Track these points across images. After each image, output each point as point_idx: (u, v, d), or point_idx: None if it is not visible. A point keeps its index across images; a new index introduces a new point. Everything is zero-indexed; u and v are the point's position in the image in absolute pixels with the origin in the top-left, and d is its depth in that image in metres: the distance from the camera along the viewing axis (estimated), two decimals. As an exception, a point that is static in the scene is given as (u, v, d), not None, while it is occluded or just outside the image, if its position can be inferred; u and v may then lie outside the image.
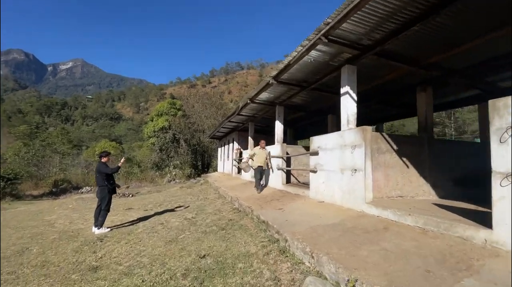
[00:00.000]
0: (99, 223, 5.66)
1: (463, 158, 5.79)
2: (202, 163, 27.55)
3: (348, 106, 4.91)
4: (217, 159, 23.09)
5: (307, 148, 8.57)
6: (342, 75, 5.10)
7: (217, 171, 22.24)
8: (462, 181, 5.66)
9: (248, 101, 8.47)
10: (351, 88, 4.93)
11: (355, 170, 4.48)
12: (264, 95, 7.97)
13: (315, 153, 5.76)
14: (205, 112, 28.33)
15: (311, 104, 8.89)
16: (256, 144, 15.38)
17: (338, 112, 9.37)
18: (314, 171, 5.75)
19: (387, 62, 5.03)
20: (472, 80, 5.52)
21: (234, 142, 15.11)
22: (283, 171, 7.72)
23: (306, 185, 7.05)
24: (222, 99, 34.20)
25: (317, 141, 5.77)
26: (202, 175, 21.31)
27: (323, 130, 13.68)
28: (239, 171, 14.29)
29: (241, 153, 13.22)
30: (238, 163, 13.79)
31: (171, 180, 22.24)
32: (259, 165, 7.66)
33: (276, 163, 7.99)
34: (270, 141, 11.76)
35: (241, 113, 10.49)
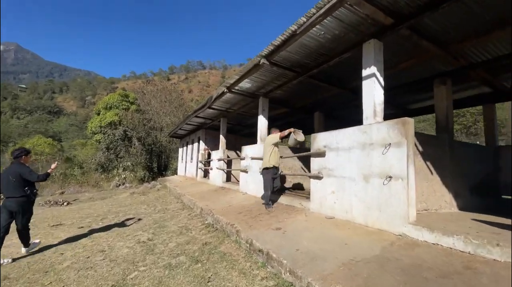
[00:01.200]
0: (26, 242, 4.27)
1: (477, 163, 5.11)
2: (159, 165, 24.62)
3: (375, 93, 3.73)
4: (177, 160, 20.67)
5: (294, 150, 7.31)
6: (365, 54, 3.91)
7: (176, 174, 19.85)
8: (477, 189, 4.96)
9: (225, 90, 6.90)
10: (378, 70, 3.77)
11: (390, 177, 3.29)
12: (245, 84, 6.50)
13: (320, 154, 4.48)
14: (164, 108, 25.55)
15: (297, 99, 7.69)
16: (232, 145, 13.72)
17: (327, 110, 8.49)
18: (319, 177, 4.45)
19: (417, 41, 4.01)
20: (493, 75, 4.87)
21: (201, 141, 13.23)
22: (269, 176, 6.32)
23: (303, 194, 5.76)
24: (182, 98, 31.52)
25: (322, 139, 4.50)
26: (158, 178, 18.73)
27: (306, 131, 12.73)
28: (205, 175, 12.47)
29: (209, 155, 11.44)
30: (205, 165, 11.96)
31: (119, 185, 19.13)
32: (271, 166, 5.14)
33: (259, 166, 6.54)
34: (247, 142, 10.25)
35: (213, 106, 8.82)
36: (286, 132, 5.10)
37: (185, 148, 16.99)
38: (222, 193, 7.90)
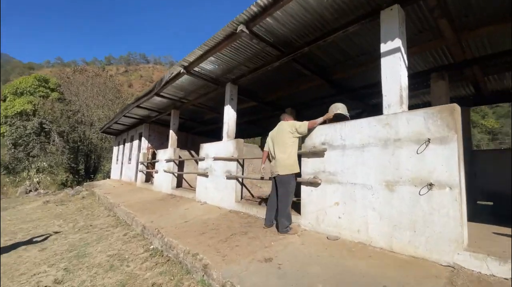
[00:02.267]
0: None
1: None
2: (87, 167, 20.57)
3: (401, 73, 2.84)
4: (111, 161, 17.45)
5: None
6: (385, 24, 3.00)
7: (109, 178, 16.69)
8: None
9: (181, 71, 5.35)
10: (403, 44, 2.90)
11: (430, 185, 2.40)
12: (209, 64, 5.10)
13: (316, 154, 3.42)
14: (96, 100, 21.64)
15: (269, 91, 6.59)
16: (183, 144, 11.72)
17: (301, 106, 7.51)
18: (314, 184, 3.38)
19: (435, 19, 3.31)
20: (484, 74, 4.62)
21: (143, 138, 11.01)
22: (238, 181, 5.01)
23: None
24: (120, 90, 27.32)
25: (319, 134, 3.45)
26: (85, 183, 15.38)
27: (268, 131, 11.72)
28: (148, 179, 10.37)
29: (154, 155, 9.44)
30: (149, 167, 9.89)
31: (30, 190, 15.07)
32: (290, 172, 3.37)
33: (227, 169, 5.19)
34: (202, 141, 8.79)
35: (162, 93, 7.06)
36: (320, 119, 3.42)
37: (121, 146, 14.25)
38: (172, 203, 6.22)
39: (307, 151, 3.50)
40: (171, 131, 8.42)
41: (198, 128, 11.55)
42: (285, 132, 3.47)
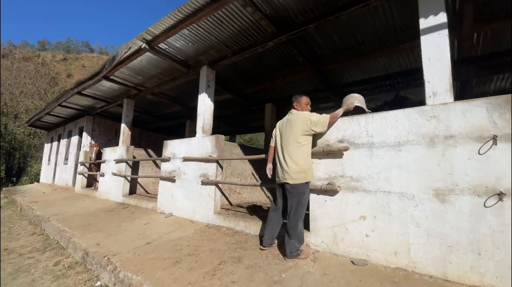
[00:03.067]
0: None
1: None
2: (8, 168, 16.76)
3: (449, 55, 2.28)
4: (42, 162, 14.42)
5: (247, 148, 5.31)
6: (424, -6, 2.44)
7: (38, 181, 13.75)
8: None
9: (143, 46, 4.17)
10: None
11: (500, 194, 1.86)
12: (181, 41, 4.06)
13: (331, 154, 2.71)
14: (24, 87, 17.90)
15: (250, 82, 5.72)
16: (136, 143, 9.90)
17: (282, 103, 6.71)
18: (330, 192, 2.66)
19: None
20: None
21: (85, 134, 9.06)
22: (218, 187, 4.03)
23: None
24: (55, 77, 23.12)
25: (339, 129, 2.74)
26: (4, 189, 12.33)
27: (243, 130, 10.68)
28: (90, 184, 8.56)
29: (99, 154, 7.73)
30: (92, 169, 8.12)
31: None
32: (303, 181, 2.54)
33: (202, 172, 4.16)
34: (164, 138, 7.55)
35: (113, 77, 5.65)
36: (341, 111, 2.70)
37: (56, 143, 11.75)
38: (125, 216, 4.90)
39: (318, 150, 2.75)
40: (123, 125, 6.93)
41: (156, 124, 10.03)
42: (298, 127, 2.61)
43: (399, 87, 5.13)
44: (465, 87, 4.92)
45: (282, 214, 2.72)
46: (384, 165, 2.40)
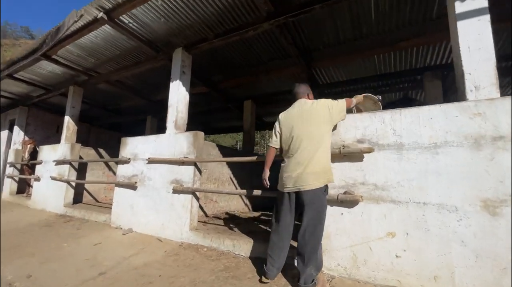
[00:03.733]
0: None
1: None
2: None
3: (487, 45, 1.98)
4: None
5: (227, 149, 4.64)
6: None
7: None
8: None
9: (100, 16, 3.27)
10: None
11: None
12: (151, 14, 3.28)
13: (351, 157, 2.24)
14: None
15: (228, 74, 5.04)
16: (84, 140, 8.27)
17: (263, 100, 6.01)
18: (347, 203, 2.17)
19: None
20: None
21: (16, 128, 7.30)
22: (194, 196, 3.28)
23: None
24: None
25: (358, 127, 2.28)
26: None
27: (212, 130, 9.71)
28: (21, 190, 6.92)
29: (34, 153, 6.21)
30: (24, 171, 6.54)
31: None
32: (321, 185, 1.99)
33: (174, 177, 3.36)
34: (118, 135, 6.52)
35: (56, 57, 4.50)
36: (354, 101, 2.30)
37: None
38: (67, 232, 3.79)
39: (334, 152, 2.24)
40: (67, 118, 5.64)
41: (110, 119, 8.62)
42: (319, 118, 2.07)
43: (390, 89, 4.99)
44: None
45: (286, 233, 2.11)
46: (417, 170, 1.99)
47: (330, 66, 4.35)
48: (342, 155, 2.24)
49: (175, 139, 3.48)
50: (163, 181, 3.47)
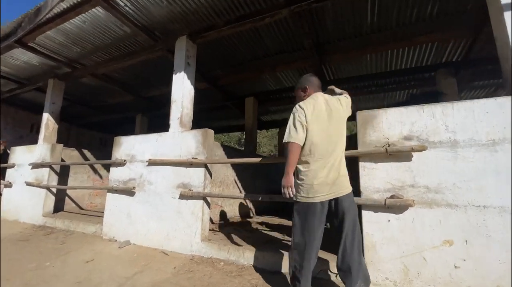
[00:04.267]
0: None
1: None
2: None
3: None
4: None
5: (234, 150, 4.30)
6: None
7: None
8: None
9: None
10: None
11: None
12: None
13: (397, 156, 2.00)
14: None
15: (234, 70, 4.68)
16: (64, 141, 7.50)
17: (264, 95, 5.43)
18: (395, 209, 1.93)
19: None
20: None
21: (-21, 127, 6.46)
22: (206, 202, 2.91)
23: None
24: None
25: (404, 123, 2.06)
26: None
27: (227, 128, 9.13)
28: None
29: (5, 155, 5.47)
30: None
31: None
32: (348, 187, 1.78)
33: (181, 180, 2.96)
34: (103, 137, 5.99)
35: (34, 44, 3.93)
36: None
37: None
38: (52, 248, 3.26)
39: (378, 151, 2.01)
40: (46, 116, 5.01)
41: (93, 118, 7.90)
42: (344, 117, 1.89)
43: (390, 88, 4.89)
44: None
45: (317, 250, 1.79)
46: (475, 170, 1.79)
47: (341, 60, 4.14)
48: (388, 154, 2.00)
49: (181, 138, 3.09)
50: (167, 185, 3.06)
